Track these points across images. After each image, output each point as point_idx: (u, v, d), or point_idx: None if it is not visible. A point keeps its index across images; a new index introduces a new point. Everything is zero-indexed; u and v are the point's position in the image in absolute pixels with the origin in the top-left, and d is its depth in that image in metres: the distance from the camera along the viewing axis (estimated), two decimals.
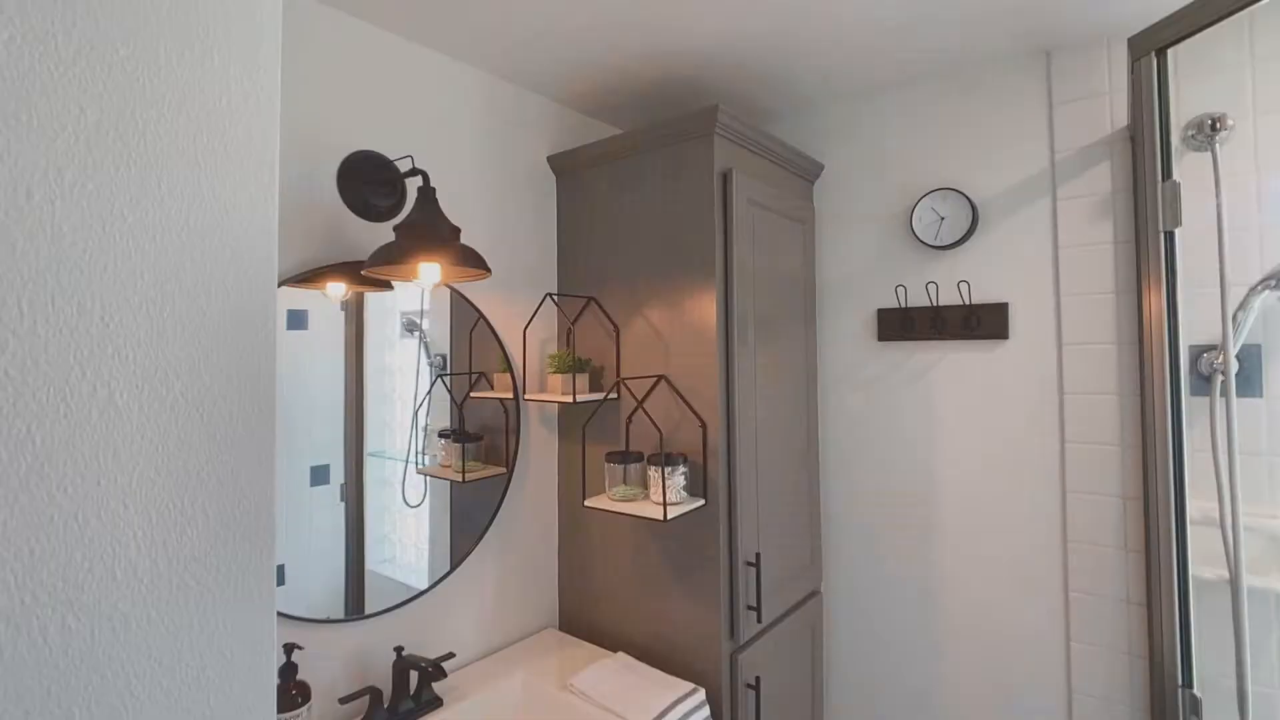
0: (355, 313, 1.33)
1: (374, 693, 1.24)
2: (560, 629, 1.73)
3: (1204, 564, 1.32)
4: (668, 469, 1.39)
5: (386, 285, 1.37)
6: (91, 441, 0.40)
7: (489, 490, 1.57)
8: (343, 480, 1.31)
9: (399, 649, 1.30)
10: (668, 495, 1.40)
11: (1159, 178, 0.94)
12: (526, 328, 1.64)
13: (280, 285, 1.21)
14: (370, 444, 1.35)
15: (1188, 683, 0.94)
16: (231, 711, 0.46)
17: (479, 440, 1.57)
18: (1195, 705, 0.92)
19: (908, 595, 1.72)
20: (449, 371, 1.49)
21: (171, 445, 0.44)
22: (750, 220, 1.52)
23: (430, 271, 1.17)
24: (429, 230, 1.15)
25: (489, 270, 1.23)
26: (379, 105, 1.37)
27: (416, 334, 1.44)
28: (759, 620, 1.44)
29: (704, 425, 1.44)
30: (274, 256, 0.50)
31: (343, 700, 1.20)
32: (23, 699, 0.37)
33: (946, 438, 1.66)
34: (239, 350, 0.47)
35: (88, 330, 0.40)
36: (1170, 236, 0.96)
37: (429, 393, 1.46)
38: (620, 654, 1.52)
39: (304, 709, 1.13)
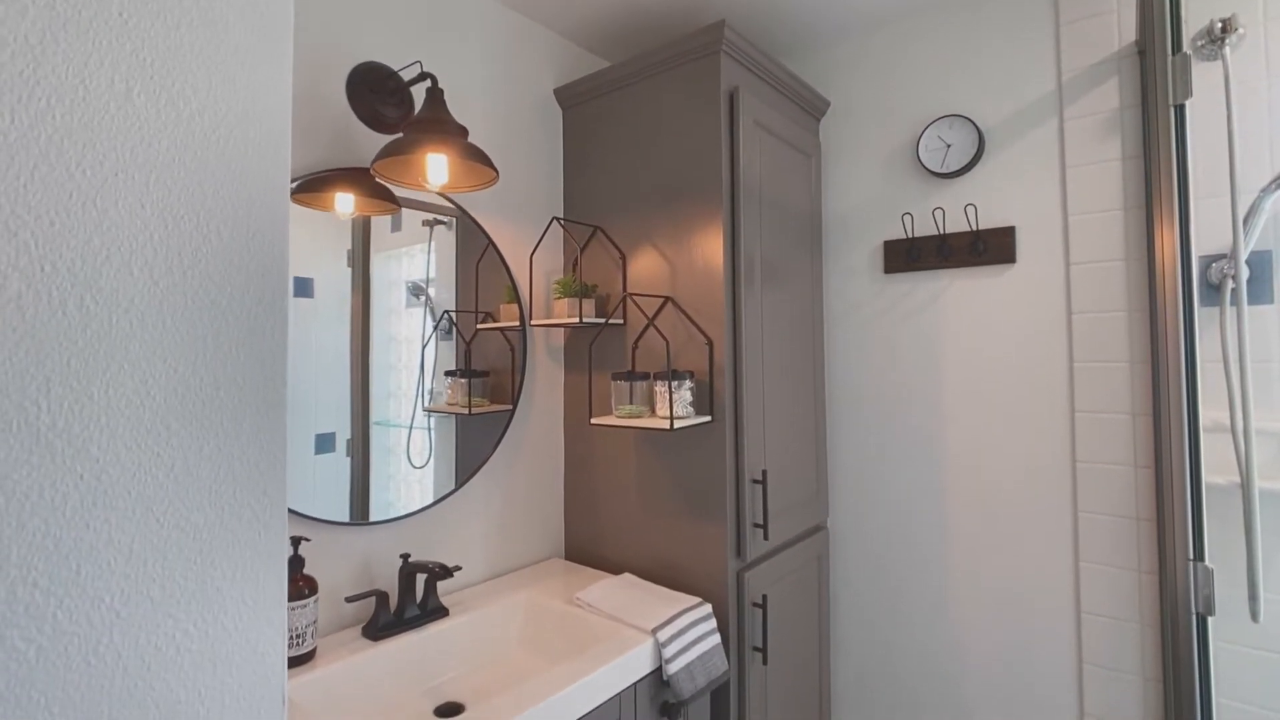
0: (362, 278, 1.32)
1: (380, 595, 1.25)
2: (566, 558, 1.74)
3: (1214, 471, 1.31)
4: (674, 383, 1.39)
5: (393, 202, 1.37)
6: (109, 132, 0.41)
7: (494, 426, 1.57)
8: (348, 436, 1.31)
9: (405, 555, 1.30)
10: (674, 409, 1.40)
11: (1169, 51, 0.94)
12: (533, 253, 1.64)
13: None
14: (376, 413, 1.35)
15: (1199, 556, 0.93)
16: (245, 441, 0.46)
17: (485, 376, 1.57)
18: (1208, 578, 0.91)
19: (914, 526, 1.71)
20: (455, 309, 1.49)
21: (189, 160, 0.44)
22: (757, 144, 1.52)
23: (438, 165, 1.18)
24: (437, 125, 1.15)
25: (496, 171, 1.23)
26: (388, 21, 1.38)
27: (423, 299, 1.44)
28: (765, 538, 1.44)
29: (710, 342, 1.44)
30: None
31: (349, 599, 1.20)
32: (43, 363, 0.38)
33: (953, 366, 1.66)
34: (253, 84, 0.47)
35: (106, 20, 0.41)
36: (1181, 111, 0.95)
37: (435, 329, 1.46)
38: (626, 574, 1.52)
39: (310, 600, 1.13)
